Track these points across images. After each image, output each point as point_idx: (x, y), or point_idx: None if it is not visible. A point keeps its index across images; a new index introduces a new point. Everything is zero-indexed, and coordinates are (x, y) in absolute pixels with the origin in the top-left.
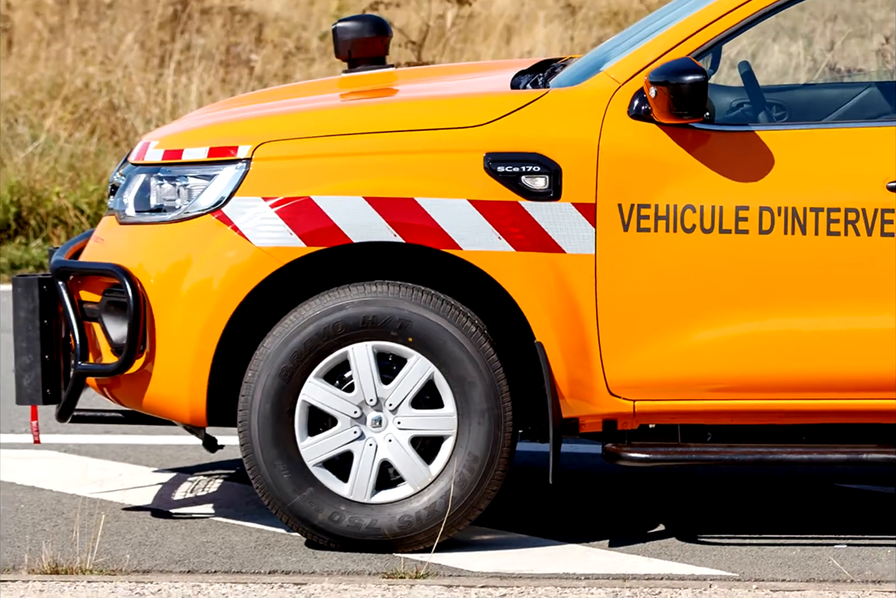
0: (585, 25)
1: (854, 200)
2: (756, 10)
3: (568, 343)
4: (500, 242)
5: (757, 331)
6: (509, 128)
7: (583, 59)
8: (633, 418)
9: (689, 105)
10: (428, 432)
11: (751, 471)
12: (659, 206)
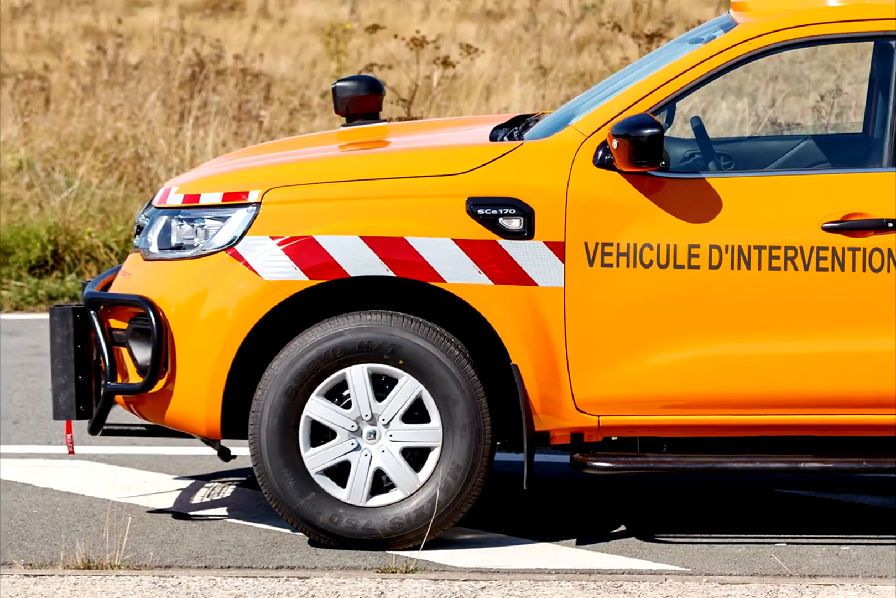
0: (555, 85)
1: (793, 239)
2: (705, 71)
3: (540, 365)
4: (481, 276)
5: (706, 355)
6: (488, 175)
7: (553, 114)
8: (598, 432)
9: (647, 155)
10: (416, 443)
11: (701, 478)
12: (620, 244)
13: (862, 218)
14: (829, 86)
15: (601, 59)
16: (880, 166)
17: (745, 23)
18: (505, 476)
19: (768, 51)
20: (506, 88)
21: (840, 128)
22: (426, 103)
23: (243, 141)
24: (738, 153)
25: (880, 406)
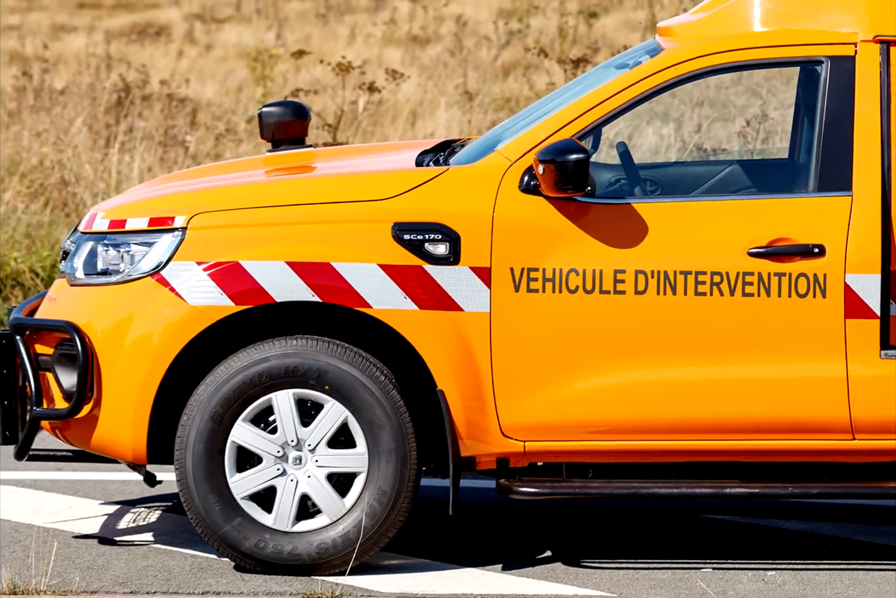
0: (481, 110)
1: (718, 264)
2: (631, 97)
3: (466, 391)
4: (406, 301)
5: (633, 380)
6: (414, 201)
7: (479, 139)
8: (524, 457)
9: (572, 180)
10: (342, 469)
11: (627, 503)
12: (546, 269)
13: (788, 243)
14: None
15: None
16: (806, 192)
17: (671, 48)
18: (431, 501)
19: (694, 76)
20: (431, 114)
21: (766, 153)
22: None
23: (169, 166)
24: (664, 178)
25: (805, 431)
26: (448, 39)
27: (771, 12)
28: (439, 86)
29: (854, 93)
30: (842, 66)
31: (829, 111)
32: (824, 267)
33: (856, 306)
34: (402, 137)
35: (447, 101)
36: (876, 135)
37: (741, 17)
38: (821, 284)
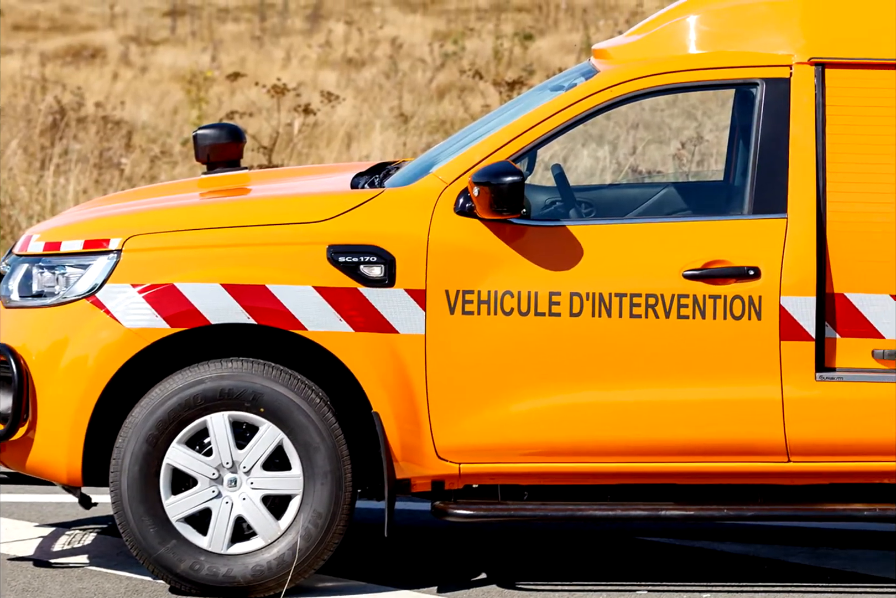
0: (416, 132)
1: (654, 286)
2: (566, 119)
3: (401, 413)
4: (342, 323)
5: (568, 402)
6: (349, 223)
7: (414, 162)
8: (459, 479)
9: (508, 203)
10: (277, 491)
11: (563, 526)
12: (481, 292)
13: (723, 266)
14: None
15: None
16: (741, 214)
17: (606, 70)
18: (366, 524)
19: (629, 98)
20: (367, 136)
21: (701, 175)
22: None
23: (104, 189)
24: (600, 201)
25: (740, 454)
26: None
27: (706, 34)
28: (374, 108)
29: (789, 115)
30: (777, 89)
31: (765, 133)
32: (759, 289)
33: (791, 328)
34: (338, 159)
35: (382, 123)
36: (811, 157)
37: (676, 40)
38: (756, 307)
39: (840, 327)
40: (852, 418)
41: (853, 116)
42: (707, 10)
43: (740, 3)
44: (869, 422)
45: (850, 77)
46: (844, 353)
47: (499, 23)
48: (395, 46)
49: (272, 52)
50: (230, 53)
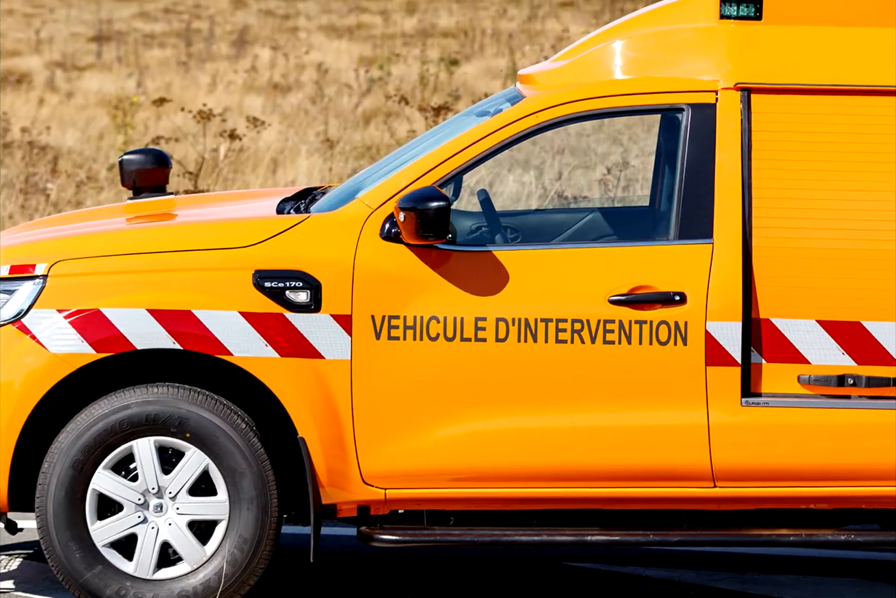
0: (342, 158)
1: (579, 312)
2: (492, 144)
3: (327, 438)
4: (267, 349)
5: (494, 428)
6: (275, 248)
7: (340, 187)
8: (385, 505)
9: (433, 228)
10: (203, 516)
11: (488, 551)
12: (407, 317)
13: (649, 291)
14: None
15: (388, 132)
16: (667, 239)
17: (532, 96)
18: (292, 549)
19: (555, 124)
20: (292, 161)
21: (627, 201)
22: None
23: (30, 214)
24: (525, 226)
25: (666, 479)
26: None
27: (632, 60)
28: (300, 133)
29: (715, 140)
30: (703, 114)
31: (690, 159)
32: (685, 315)
33: (717, 353)
34: (263, 184)
35: (308, 148)
36: (737, 183)
37: (602, 65)
38: (682, 332)
39: (766, 353)
40: (778, 444)
41: (778, 142)
42: (633, 35)
43: (666, 29)
44: (795, 447)
45: (775, 102)
46: (770, 378)
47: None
48: (320, 72)
49: (198, 78)
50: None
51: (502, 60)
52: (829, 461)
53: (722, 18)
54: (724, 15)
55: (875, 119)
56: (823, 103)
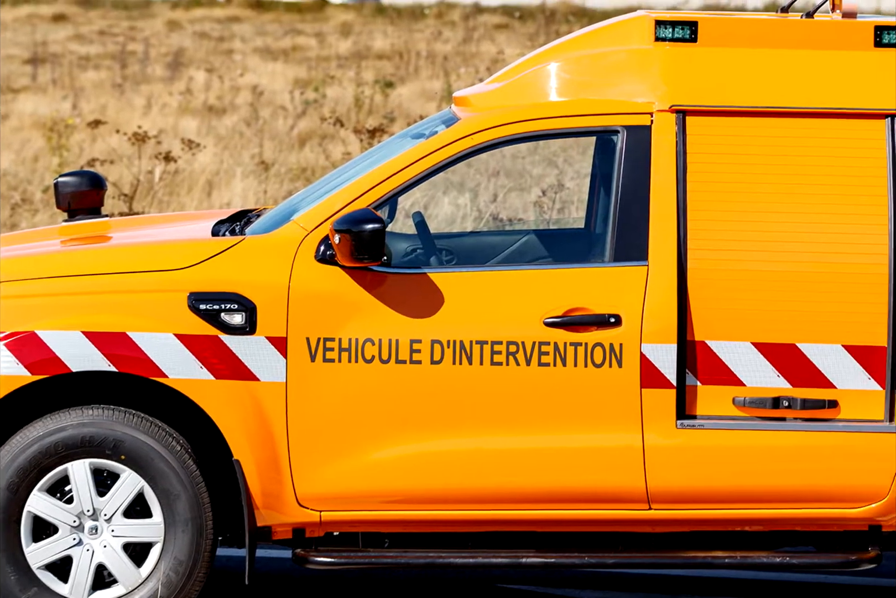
0: (277, 180)
1: (515, 334)
2: (427, 167)
3: (262, 460)
4: (202, 371)
5: (428, 450)
6: (210, 271)
7: (275, 209)
8: (320, 527)
9: (368, 250)
10: (138, 539)
11: (424, 573)
12: (342, 339)
13: (584, 313)
14: (551, 181)
15: (323, 154)
16: (602, 261)
17: (467, 118)
18: (227, 571)
19: (490, 146)
20: (227, 183)
21: (562, 223)
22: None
23: None
24: (461, 248)
25: (602, 501)
26: (244, 109)
27: (567, 82)
28: (235, 155)
29: (650, 162)
30: (638, 136)
31: (626, 181)
32: (620, 337)
33: (652, 375)
34: (199, 206)
35: (243, 170)
36: (672, 205)
37: (537, 87)
38: (617, 354)
39: (701, 375)
40: (713, 466)
41: (713, 164)
42: (567, 57)
43: (601, 51)
44: (729, 469)
45: (710, 124)
46: (705, 400)
47: (360, 70)
48: (255, 94)
49: (133, 100)
50: (91, 101)
51: (437, 82)
52: (763, 483)
53: (657, 40)
54: (660, 37)
55: (807, 141)
56: (757, 125)
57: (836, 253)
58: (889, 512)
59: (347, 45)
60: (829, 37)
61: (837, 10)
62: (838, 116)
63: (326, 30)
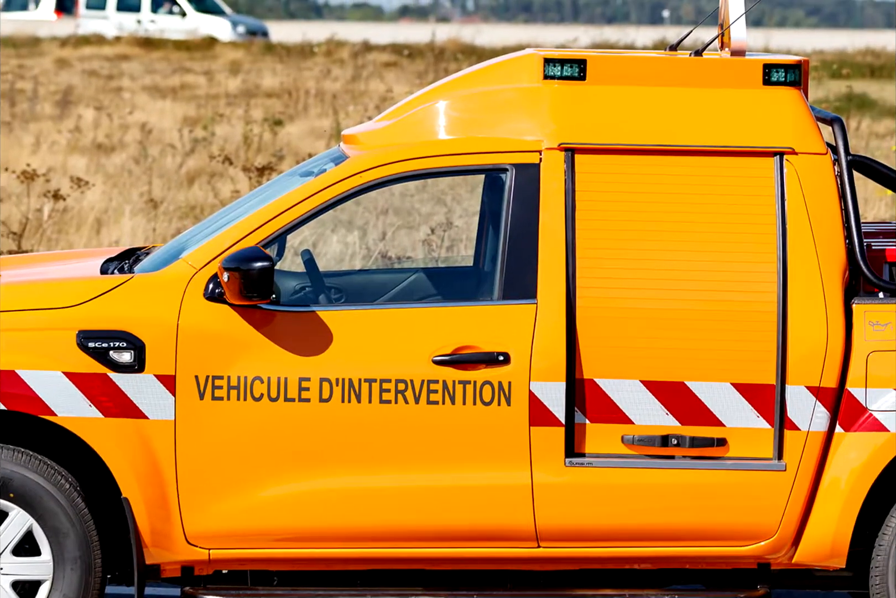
0: (166, 218)
1: (403, 372)
2: (316, 205)
3: (151, 498)
4: (91, 409)
5: (317, 489)
6: (98, 309)
7: (164, 247)
8: (209, 565)
9: (257, 288)
10: (27, 576)
11: None
12: (231, 377)
13: (472, 351)
14: (439, 219)
15: (212, 192)
16: (491, 299)
17: (356, 156)
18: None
19: (379, 184)
20: (116, 221)
21: (451, 261)
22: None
23: None
24: (349, 286)
25: (491, 539)
26: (133, 147)
27: (456, 120)
28: (124, 193)
29: (539, 200)
30: (526, 174)
31: (514, 219)
32: (509, 375)
33: (541, 413)
34: (88, 244)
35: (132, 208)
36: (560, 242)
37: (426, 125)
38: (506, 392)
39: (590, 413)
40: (602, 504)
41: (602, 202)
42: (456, 95)
43: (490, 89)
44: (618, 508)
45: (598, 162)
46: (594, 438)
47: (248, 108)
48: (144, 132)
49: (22, 138)
50: None
51: (326, 120)
52: (652, 521)
53: (546, 79)
54: (548, 75)
55: (696, 179)
56: (646, 163)
57: (725, 291)
58: (778, 550)
59: (236, 83)
60: (717, 75)
61: (726, 48)
62: (727, 154)
63: (215, 68)
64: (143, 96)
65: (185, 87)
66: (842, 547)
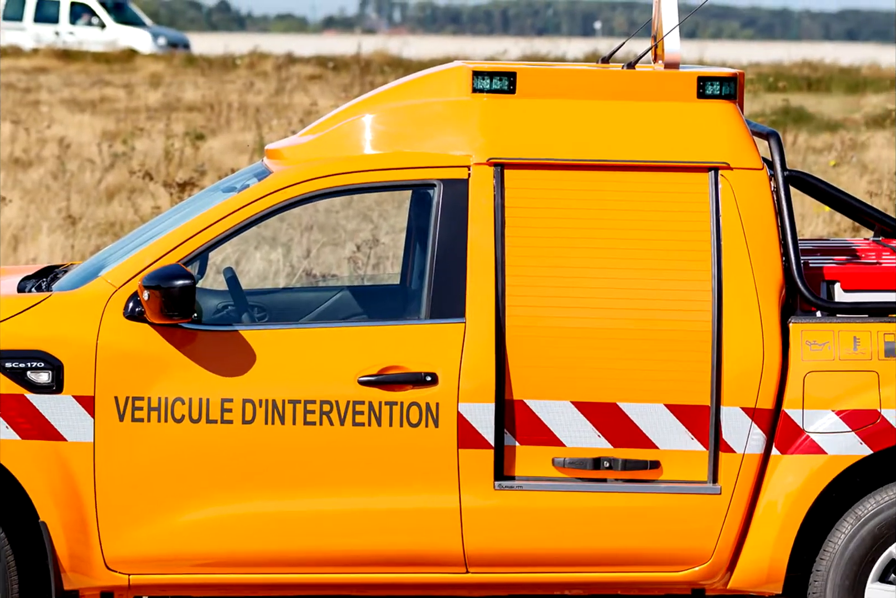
0: (85, 235)
1: (328, 393)
2: (239, 221)
3: (70, 522)
4: (8, 431)
5: (240, 512)
6: (15, 328)
7: (83, 265)
8: (129, 591)
9: (178, 307)
10: None
11: None
12: (152, 398)
13: (399, 371)
14: (365, 236)
15: (132, 208)
16: (418, 318)
17: (280, 171)
18: None
19: (303, 200)
20: (34, 238)
21: (377, 279)
22: None
23: None
24: (273, 305)
25: (419, 564)
26: (51, 162)
27: (383, 134)
28: (42, 209)
29: (467, 216)
30: (454, 190)
31: (442, 236)
32: (437, 396)
33: (469, 435)
34: (4, 262)
35: (50, 225)
36: (490, 260)
37: (351, 140)
38: (433, 414)
39: (520, 435)
40: (532, 528)
41: (532, 218)
42: (383, 109)
43: (417, 103)
44: (549, 532)
45: (528, 178)
46: (524, 461)
47: (169, 122)
48: (62, 146)
49: None
50: None
51: (249, 135)
52: (584, 546)
53: (475, 92)
54: (477, 88)
55: (629, 195)
56: (577, 179)
57: (658, 310)
58: (713, 575)
59: (157, 97)
60: (651, 88)
61: (660, 60)
62: (660, 170)
63: (135, 80)
64: (62, 110)
65: (104, 100)
66: (778, 572)
